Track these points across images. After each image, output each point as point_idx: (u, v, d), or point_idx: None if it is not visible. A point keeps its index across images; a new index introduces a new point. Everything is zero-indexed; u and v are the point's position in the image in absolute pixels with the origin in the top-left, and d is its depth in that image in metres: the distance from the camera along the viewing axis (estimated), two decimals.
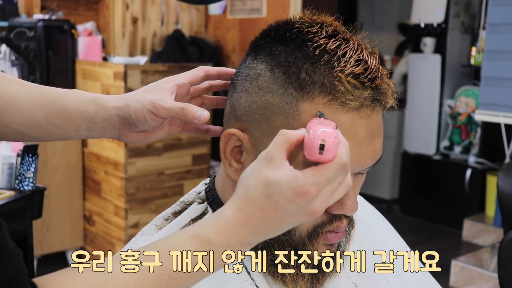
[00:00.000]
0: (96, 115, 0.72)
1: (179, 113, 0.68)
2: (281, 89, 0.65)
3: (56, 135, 0.75)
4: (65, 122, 0.73)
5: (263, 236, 0.58)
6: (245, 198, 0.57)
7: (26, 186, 1.96)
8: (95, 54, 3.12)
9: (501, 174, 1.49)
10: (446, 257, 3.38)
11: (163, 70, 2.90)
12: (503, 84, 3.12)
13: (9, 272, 0.52)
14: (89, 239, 3.18)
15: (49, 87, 0.75)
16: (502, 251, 1.39)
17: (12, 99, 0.72)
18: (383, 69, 0.67)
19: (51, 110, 0.72)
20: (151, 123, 0.70)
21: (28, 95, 0.73)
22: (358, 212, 0.74)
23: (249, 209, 0.57)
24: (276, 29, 0.68)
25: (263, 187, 0.56)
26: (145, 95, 0.70)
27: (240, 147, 0.69)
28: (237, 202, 0.58)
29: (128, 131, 0.73)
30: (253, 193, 0.57)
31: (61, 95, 0.73)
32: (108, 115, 0.71)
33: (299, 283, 0.70)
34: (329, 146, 0.55)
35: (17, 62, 2.95)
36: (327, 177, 0.55)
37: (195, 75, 0.75)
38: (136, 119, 0.70)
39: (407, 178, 4.47)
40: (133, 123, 0.71)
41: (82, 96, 0.73)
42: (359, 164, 0.66)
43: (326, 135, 0.55)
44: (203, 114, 0.68)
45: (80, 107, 0.72)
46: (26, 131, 0.74)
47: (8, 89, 0.72)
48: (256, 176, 0.57)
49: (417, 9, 4.24)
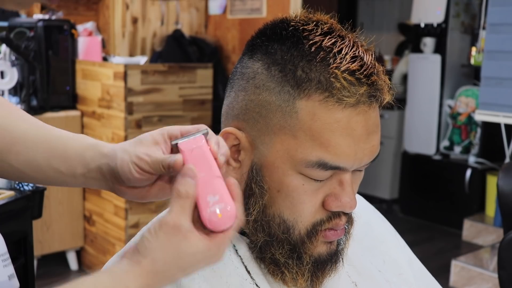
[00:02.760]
0: (91, 160, 0.69)
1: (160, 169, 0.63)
2: (277, 87, 0.65)
3: (54, 178, 0.73)
4: (63, 165, 0.71)
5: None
6: (155, 274, 0.55)
7: (26, 186, 1.96)
8: (95, 54, 3.12)
9: (501, 174, 1.49)
10: (446, 257, 3.39)
11: (163, 70, 2.90)
12: (503, 84, 3.12)
13: None
14: (89, 239, 3.18)
15: (58, 130, 0.74)
16: (502, 251, 1.39)
17: (19, 138, 0.72)
18: (379, 66, 0.67)
19: (53, 152, 0.71)
20: (136, 177, 0.65)
21: (34, 135, 0.72)
22: (358, 212, 0.74)
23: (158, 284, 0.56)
24: (272, 28, 0.69)
25: (176, 260, 0.56)
26: (135, 147, 0.66)
27: (238, 145, 0.70)
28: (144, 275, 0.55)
29: (119, 184, 0.68)
30: (163, 269, 0.55)
31: (66, 138, 0.72)
32: (101, 163, 0.68)
33: (298, 281, 0.70)
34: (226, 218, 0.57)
35: (17, 62, 2.95)
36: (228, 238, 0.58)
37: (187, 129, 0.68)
38: (121, 170, 0.65)
39: (407, 178, 4.46)
40: (119, 175, 0.66)
41: (84, 141, 0.71)
42: (356, 161, 0.66)
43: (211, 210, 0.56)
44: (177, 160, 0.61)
45: (79, 151, 0.70)
46: (26, 171, 0.73)
47: (18, 127, 0.72)
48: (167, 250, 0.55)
49: (417, 9, 4.24)
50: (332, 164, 0.65)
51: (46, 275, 3.05)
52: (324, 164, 0.65)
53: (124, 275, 0.55)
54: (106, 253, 3.04)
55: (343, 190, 0.68)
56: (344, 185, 0.68)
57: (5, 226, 1.75)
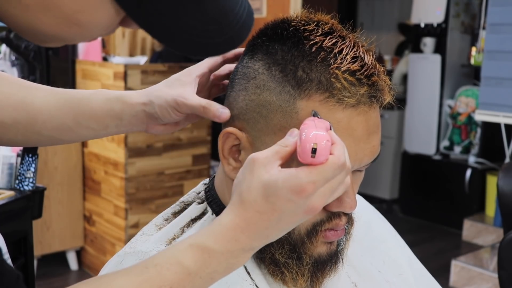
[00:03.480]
0: (122, 112, 0.74)
1: (201, 111, 0.70)
2: (278, 87, 0.65)
3: (87, 136, 0.78)
4: (94, 122, 0.75)
5: (264, 239, 0.58)
6: (241, 203, 0.57)
7: (26, 186, 1.96)
8: (95, 54, 3.12)
9: (501, 174, 1.49)
10: (446, 257, 3.39)
11: (163, 70, 2.90)
12: (503, 84, 3.12)
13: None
14: (89, 239, 3.18)
15: (75, 90, 0.78)
16: (502, 251, 1.39)
17: (41, 107, 0.75)
18: (380, 66, 0.67)
19: (79, 113, 0.75)
20: (176, 118, 0.72)
21: (55, 102, 0.76)
22: (358, 212, 0.74)
23: (247, 214, 0.56)
24: (273, 28, 0.69)
25: (258, 189, 0.56)
26: (168, 90, 0.72)
27: (238, 145, 0.70)
28: (234, 208, 0.57)
29: (154, 124, 0.75)
30: (248, 198, 0.56)
31: (87, 97, 0.76)
32: (135, 111, 0.74)
33: (298, 281, 0.70)
34: (321, 149, 0.55)
35: (17, 62, 2.95)
36: (324, 176, 0.55)
37: (213, 62, 0.76)
38: (162, 115, 0.72)
39: (407, 178, 4.47)
40: (159, 117, 0.73)
41: (106, 95, 0.76)
42: (357, 162, 0.66)
43: (318, 138, 0.55)
44: (224, 112, 0.69)
45: (105, 106, 0.75)
46: (59, 136, 0.77)
47: (36, 97, 0.75)
48: (250, 180, 0.57)
49: (417, 9, 4.24)
50: None
51: (46, 275, 3.05)
52: None
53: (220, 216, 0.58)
54: (106, 253, 3.04)
55: None
56: None
57: (5, 226, 1.75)
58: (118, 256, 0.73)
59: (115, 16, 0.51)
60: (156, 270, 0.56)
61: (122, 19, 0.52)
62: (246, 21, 0.54)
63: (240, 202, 0.57)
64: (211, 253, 0.56)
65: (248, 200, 0.56)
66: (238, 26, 0.53)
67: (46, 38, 0.51)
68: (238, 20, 0.53)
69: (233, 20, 0.53)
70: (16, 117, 0.75)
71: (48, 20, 0.49)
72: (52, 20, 0.49)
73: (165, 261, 0.56)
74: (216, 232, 0.57)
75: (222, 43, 0.53)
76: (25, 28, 0.50)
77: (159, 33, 0.51)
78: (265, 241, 0.58)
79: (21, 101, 0.75)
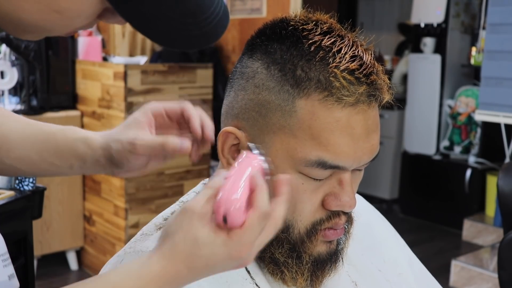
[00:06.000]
0: (86, 155, 0.72)
1: (160, 148, 0.67)
2: (277, 86, 0.65)
3: (51, 171, 0.75)
4: (58, 159, 0.73)
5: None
6: (174, 256, 0.55)
7: (26, 186, 1.96)
8: (95, 54, 3.12)
9: (501, 174, 1.49)
10: (446, 257, 3.39)
11: (163, 70, 2.90)
12: (503, 84, 3.12)
13: None
14: (89, 239, 3.18)
15: (46, 124, 0.76)
16: (502, 251, 1.39)
17: (7, 135, 0.73)
18: (379, 65, 0.67)
19: (44, 147, 0.73)
20: (135, 162, 0.69)
21: (22, 132, 0.74)
22: (358, 211, 0.74)
23: (177, 267, 0.55)
24: (272, 27, 0.69)
25: (193, 246, 0.55)
26: (125, 132, 0.69)
27: (238, 145, 0.70)
28: (166, 257, 0.55)
29: (118, 169, 0.72)
30: (182, 251, 0.55)
31: (55, 132, 0.74)
32: (97, 155, 0.72)
33: (298, 281, 0.70)
34: (232, 218, 0.54)
35: (17, 62, 2.95)
36: (253, 232, 0.55)
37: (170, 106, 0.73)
38: (120, 160, 0.70)
39: (407, 178, 4.46)
40: (117, 162, 0.70)
41: (74, 134, 0.74)
42: (356, 160, 0.66)
43: (228, 205, 0.54)
44: (185, 143, 0.68)
45: (71, 146, 0.73)
46: (20, 167, 0.75)
47: (3, 125, 0.74)
48: (186, 233, 0.55)
49: (417, 9, 4.24)
50: (331, 163, 0.65)
51: (46, 275, 3.05)
52: (324, 163, 0.65)
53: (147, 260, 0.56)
54: (106, 253, 3.04)
55: (342, 189, 0.68)
56: (344, 184, 0.67)
57: (5, 226, 1.75)
58: (118, 256, 0.73)
59: (97, 5, 0.52)
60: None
61: (101, 12, 0.53)
62: (222, 19, 0.56)
63: (172, 254, 0.55)
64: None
65: (180, 254, 0.55)
66: (214, 23, 0.55)
67: (27, 28, 0.52)
68: (215, 17, 0.55)
69: (209, 16, 0.54)
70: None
71: (30, 7, 0.49)
72: (34, 6, 0.49)
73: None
74: (144, 278, 0.55)
75: (198, 36, 0.55)
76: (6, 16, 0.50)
77: (138, 22, 0.52)
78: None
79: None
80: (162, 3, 0.51)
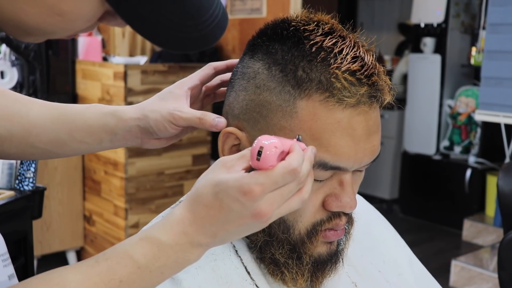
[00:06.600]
0: (116, 127, 0.75)
1: (197, 123, 0.71)
2: (278, 87, 0.65)
3: (82, 150, 0.79)
4: (88, 137, 0.76)
5: (211, 237, 0.57)
6: (194, 198, 0.57)
7: (26, 186, 1.96)
8: (95, 54, 3.12)
9: (501, 174, 1.49)
10: (446, 257, 3.39)
11: (163, 70, 2.90)
12: (503, 84, 3.12)
13: None
14: (89, 239, 3.18)
15: (69, 105, 0.79)
16: (502, 251, 1.39)
17: (36, 120, 0.76)
18: (380, 66, 0.67)
19: (73, 127, 0.76)
20: (172, 132, 0.73)
21: (50, 115, 0.77)
22: (358, 212, 0.74)
23: (195, 207, 0.57)
24: (273, 28, 0.69)
25: (212, 186, 0.56)
26: (162, 104, 0.73)
27: (238, 145, 0.70)
28: (186, 202, 0.58)
29: (149, 139, 0.76)
30: (201, 192, 0.57)
31: (81, 111, 0.77)
32: (129, 126, 0.75)
33: (298, 281, 0.70)
34: (266, 154, 0.55)
35: (17, 62, 2.95)
36: (273, 179, 0.55)
37: (204, 74, 0.78)
38: (157, 129, 0.73)
39: (407, 178, 4.47)
40: (154, 132, 0.74)
41: (100, 110, 0.77)
42: (357, 162, 0.66)
43: (266, 144, 0.55)
44: (220, 121, 0.71)
45: (100, 121, 0.76)
46: (53, 149, 0.78)
47: (30, 110, 0.76)
48: (208, 177, 0.57)
49: (417, 9, 4.24)
50: (332, 164, 0.65)
51: None
52: (325, 164, 0.65)
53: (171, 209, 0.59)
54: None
55: (343, 190, 0.67)
56: (345, 185, 0.67)
57: (5, 226, 1.75)
58: None
59: (98, 8, 0.52)
60: (106, 264, 0.56)
61: (102, 15, 0.54)
62: (221, 21, 0.57)
63: (193, 196, 0.58)
64: (160, 246, 0.56)
65: (200, 195, 0.57)
66: (213, 25, 0.56)
67: (28, 30, 0.52)
68: (213, 20, 0.56)
69: (208, 19, 0.55)
70: (11, 129, 0.75)
71: (32, 10, 0.50)
72: (36, 9, 0.50)
73: (115, 255, 0.57)
74: (166, 225, 0.57)
75: (197, 39, 0.55)
76: (9, 19, 0.51)
77: (138, 24, 0.53)
78: (213, 240, 0.58)
79: (16, 113, 0.76)
80: (162, 6, 0.52)
